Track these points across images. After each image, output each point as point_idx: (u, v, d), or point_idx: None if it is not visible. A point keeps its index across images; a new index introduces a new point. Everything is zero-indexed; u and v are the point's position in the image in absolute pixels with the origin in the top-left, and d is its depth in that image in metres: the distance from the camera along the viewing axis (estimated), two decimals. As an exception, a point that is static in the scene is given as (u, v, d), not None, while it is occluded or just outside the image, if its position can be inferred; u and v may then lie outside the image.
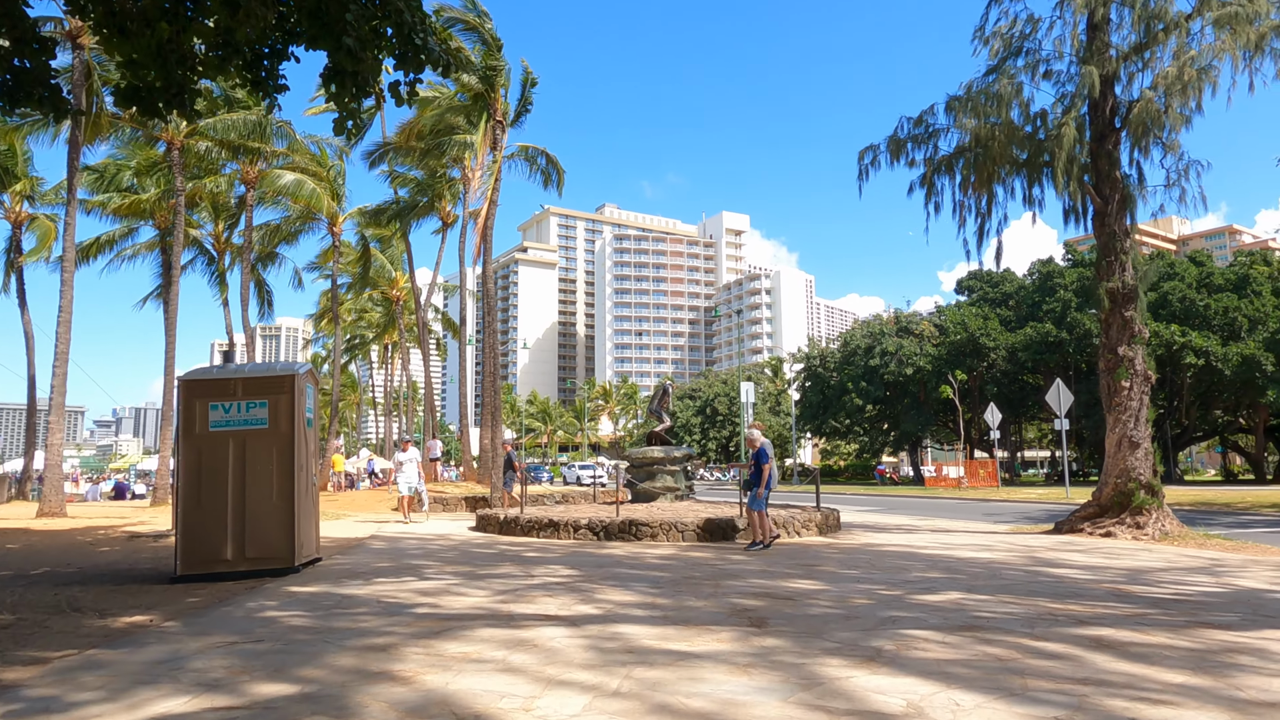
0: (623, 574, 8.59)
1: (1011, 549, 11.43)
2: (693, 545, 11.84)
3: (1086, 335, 47.36)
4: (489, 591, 7.37)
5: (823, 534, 13.53)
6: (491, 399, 25.67)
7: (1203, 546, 11.88)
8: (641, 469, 15.33)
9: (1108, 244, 13.87)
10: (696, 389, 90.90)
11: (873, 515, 20.39)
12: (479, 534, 14.02)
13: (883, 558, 10.18)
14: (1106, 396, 13.74)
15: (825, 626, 5.67)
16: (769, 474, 10.94)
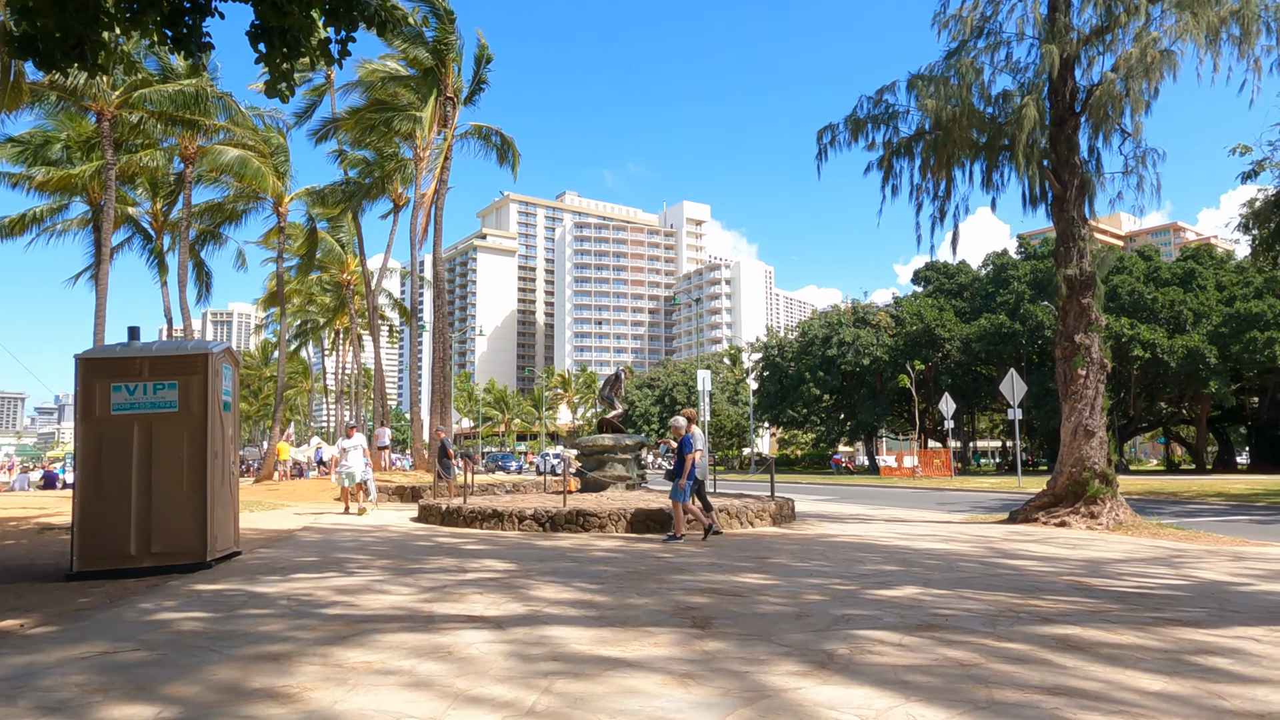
0: (564, 568, 8.07)
1: (968, 539, 11.17)
2: (641, 536, 11.37)
3: (1039, 327, 48.05)
4: (415, 589, 6.79)
5: (777, 524, 13.17)
6: (441, 385, 24.90)
7: (1157, 536, 11.77)
8: (592, 457, 14.79)
9: (1066, 230, 13.68)
10: (655, 378, 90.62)
11: (828, 505, 20.17)
12: (420, 526, 13.38)
13: (837, 549, 9.82)
14: (1063, 385, 13.59)
15: (774, 627, 5.22)
16: (691, 464, 10.45)
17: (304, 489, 23.77)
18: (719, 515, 12.38)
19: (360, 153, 32.73)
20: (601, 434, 15.07)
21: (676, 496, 10.55)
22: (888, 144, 14.45)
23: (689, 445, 10.55)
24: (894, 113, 14.91)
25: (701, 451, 10.83)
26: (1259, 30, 11.80)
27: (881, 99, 14.78)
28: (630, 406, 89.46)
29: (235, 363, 9.36)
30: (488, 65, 27.90)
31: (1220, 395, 44.67)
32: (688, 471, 10.42)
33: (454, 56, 25.90)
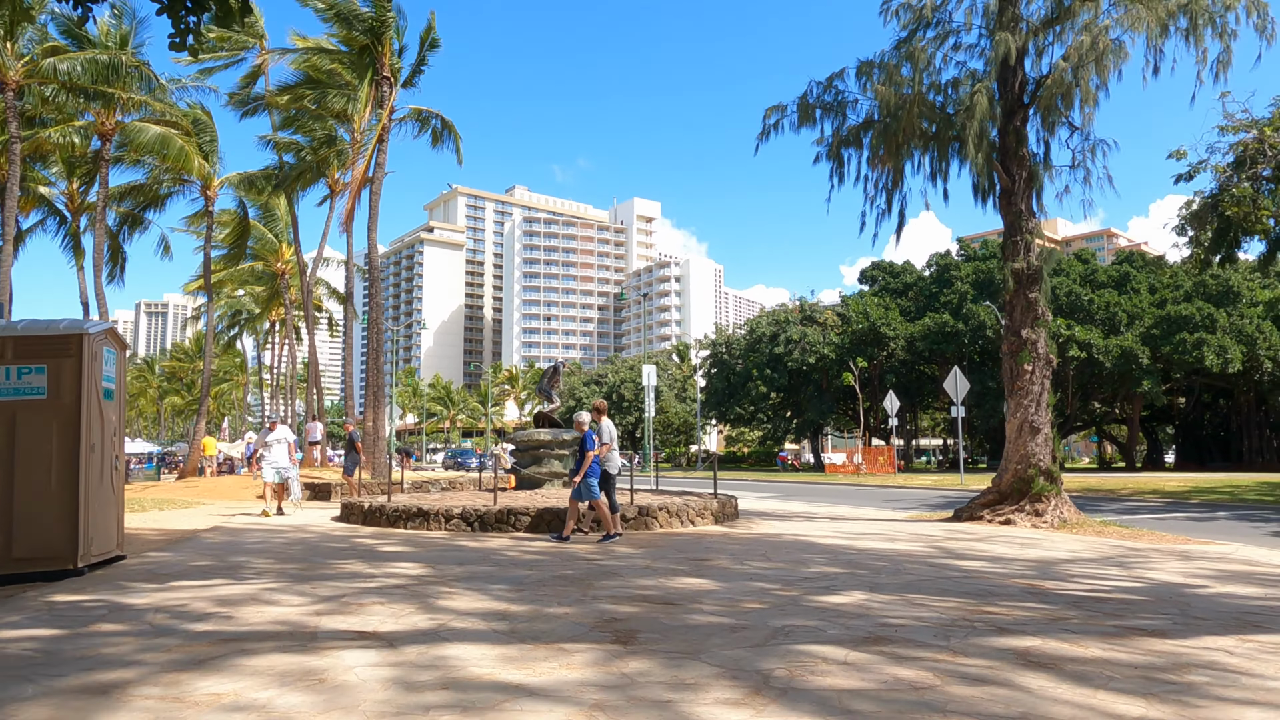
0: (484, 573, 7.38)
1: (914, 538, 10.80)
2: (575, 537, 10.71)
3: (981, 326, 48.78)
4: (309, 599, 6.03)
5: (719, 523, 12.65)
6: (375, 378, 23.86)
7: (1101, 534, 11.59)
8: (527, 453, 14.07)
9: (1014, 223, 13.46)
10: (603, 374, 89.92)
11: (773, 502, 19.81)
12: (341, 526, 12.50)
13: (780, 550, 9.32)
14: (1009, 380, 13.37)
15: (706, 641, 4.63)
16: (594, 460, 9.89)
17: (226, 486, 22.49)
18: (659, 514, 11.82)
19: (294, 136, 31.31)
20: (539, 429, 14.34)
21: (581, 495, 9.95)
22: (836, 132, 14.06)
23: (590, 441, 9.97)
24: (843, 101, 14.54)
25: (611, 446, 10.23)
26: (1205, 22, 11.69)
27: (832, 85, 14.39)
28: (577, 403, 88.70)
29: (121, 346, 8.42)
30: (432, 48, 26.88)
31: (1152, 395, 45.91)
32: (587, 468, 9.82)
33: (392, 35, 24.81)
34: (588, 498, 9.97)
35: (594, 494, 9.94)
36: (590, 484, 9.93)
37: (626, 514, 11.55)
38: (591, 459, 9.88)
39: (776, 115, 14.84)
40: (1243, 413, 54.35)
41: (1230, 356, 42.69)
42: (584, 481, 9.91)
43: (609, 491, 10.55)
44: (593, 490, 9.94)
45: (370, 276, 24.49)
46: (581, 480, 9.93)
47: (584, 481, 9.91)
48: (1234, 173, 17.80)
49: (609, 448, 10.26)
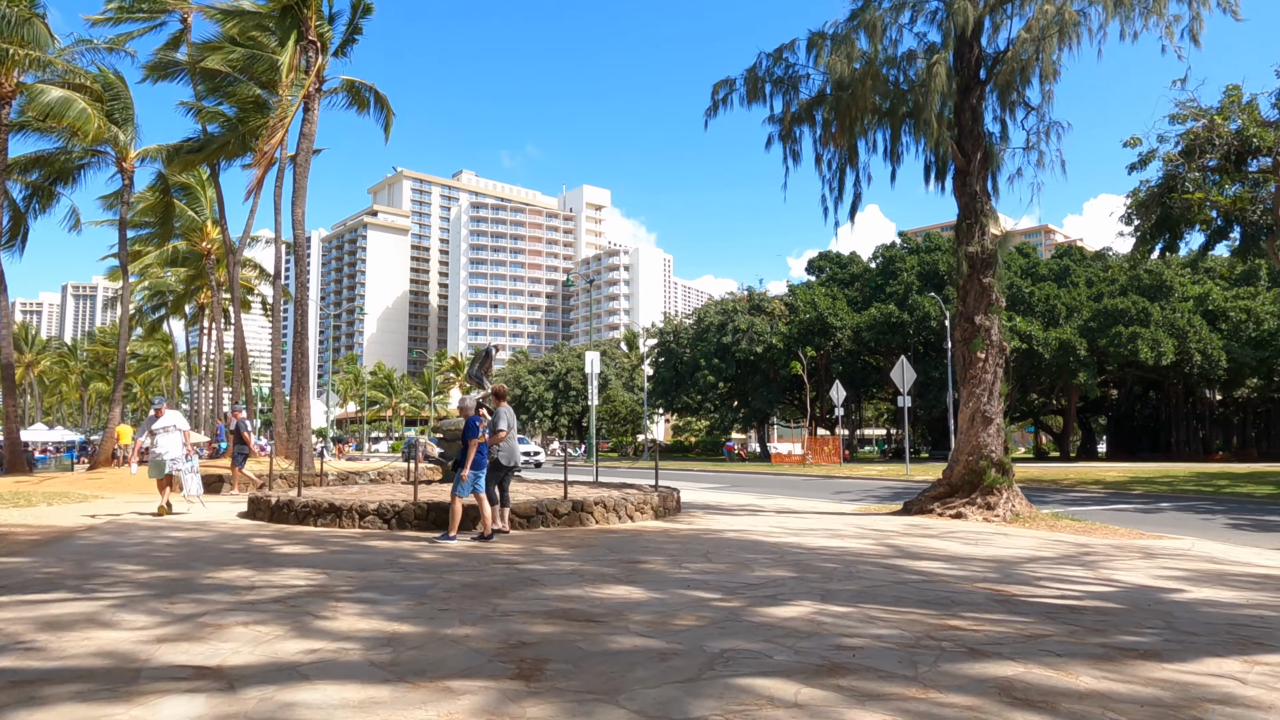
0: (385, 581, 6.44)
1: (864, 534, 10.18)
2: (501, 534, 9.82)
3: (925, 317, 49.08)
4: (160, 620, 5.03)
5: (659, 518, 11.88)
6: (301, 362, 22.49)
7: (1055, 529, 11.15)
8: (455, 443, 13.05)
9: (969, 205, 12.93)
10: (549, 363, 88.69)
11: (718, 494, 19.16)
12: (247, 523, 11.37)
13: (722, 548, 8.57)
14: (961, 369, 12.87)
15: (628, 675, 3.81)
16: (478, 451, 8.97)
17: (136, 478, 20.88)
18: (595, 509, 10.98)
19: (219, 105, 29.42)
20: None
21: (457, 489, 9.00)
22: (787, 108, 13.33)
23: (472, 429, 9.01)
24: (795, 76, 13.82)
25: (506, 433, 9.35)
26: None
27: (782, 57, 13.65)
28: (523, 392, 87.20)
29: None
30: (365, 14, 25.42)
31: (1086, 387, 46.78)
32: (471, 459, 8.90)
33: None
34: (458, 492, 9.00)
35: (464, 490, 8.95)
36: (472, 478, 8.95)
37: (559, 509, 10.69)
38: (475, 448, 8.93)
39: (724, 90, 14.09)
40: (1172, 404, 55.99)
41: (1163, 349, 43.66)
42: (457, 475, 8.94)
43: (502, 486, 9.68)
44: (474, 484, 8.97)
45: (295, 255, 23.03)
46: (456, 476, 8.97)
47: (457, 475, 8.94)
48: (1184, 161, 17.66)
49: (504, 436, 9.36)
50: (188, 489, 12.22)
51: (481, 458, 9.08)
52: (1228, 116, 17.59)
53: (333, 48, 24.94)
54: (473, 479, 8.98)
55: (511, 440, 9.55)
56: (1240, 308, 47.97)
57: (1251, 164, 18.49)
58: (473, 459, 8.93)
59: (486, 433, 9.24)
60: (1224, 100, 18.29)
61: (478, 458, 9.00)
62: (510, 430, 9.49)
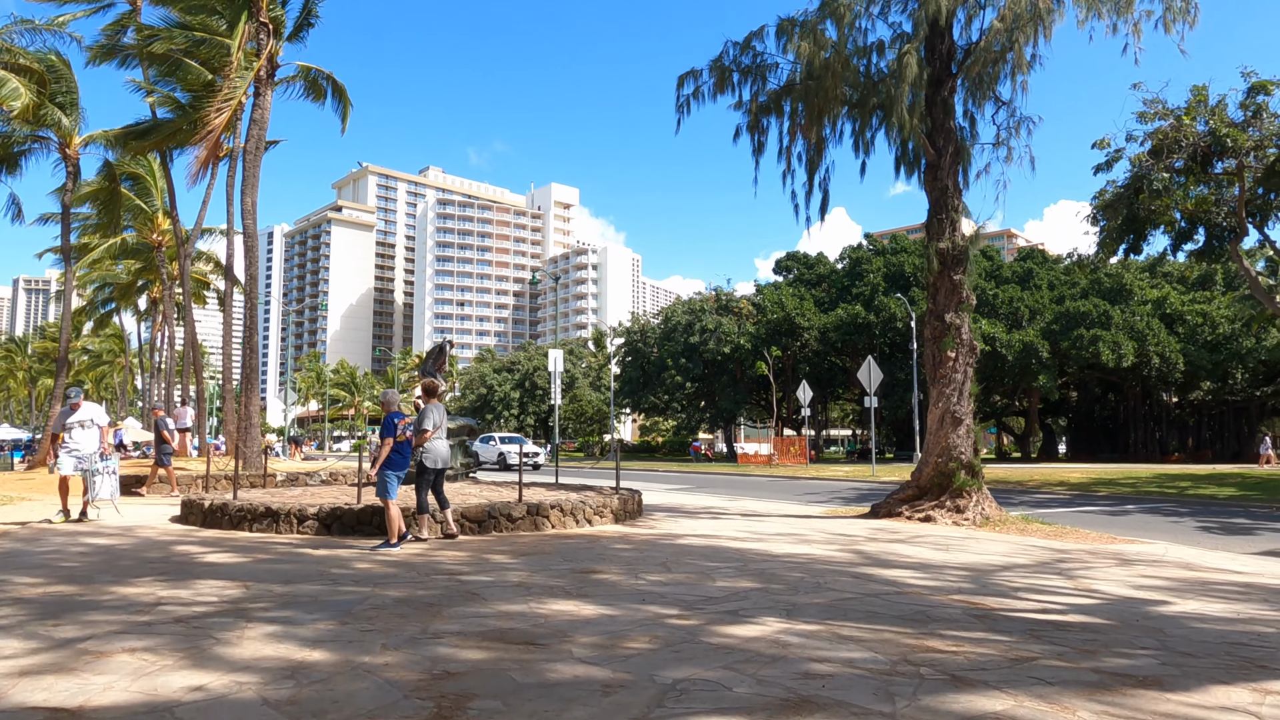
0: (309, 595, 5.83)
1: (830, 539, 9.76)
2: (453, 541, 9.24)
3: (891, 319, 49.23)
4: (36, 645, 4.38)
5: (619, 521, 11.36)
6: (251, 358, 21.57)
7: (1026, 533, 10.85)
8: None
9: (939, 200, 12.61)
10: (515, 361, 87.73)
11: (682, 495, 18.70)
12: (179, 527, 10.63)
13: (683, 556, 8.08)
14: (930, 368, 12.54)
15: (564, 716, 3.28)
16: (391, 449, 8.40)
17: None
18: (552, 513, 10.43)
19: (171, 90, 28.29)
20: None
21: (381, 492, 8.43)
22: (755, 98, 12.89)
23: (390, 427, 8.46)
24: (763, 65, 13.38)
25: (431, 433, 8.78)
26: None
27: (750, 45, 13.21)
28: (488, 390, 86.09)
29: None
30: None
31: (1047, 388, 47.21)
32: (384, 458, 8.34)
33: (272, -22, 22.41)
34: (380, 495, 8.42)
35: (386, 492, 8.36)
36: (386, 479, 8.35)
37: (513, 513, 10.12)
38: (389, 448, 8.36)
39: (691, 83, 13.62)
40: (1130, 406, 56.91)
41: (1124, 352, 44.22)
42: (380, 474, 8.37)
43: (435, 488, 9.12)
44: (387, 488, 8.36)
45: (245, 247, 22.12)
46: (378, 473, 8.39)
47: (380, 474, 8.37)
48: (1152, 161, 17.58)
49: (429, 436, 8.78)
50: (97, 492, 11.24)
51: (401, 458, 8.48)
52: (1194, 117, 17.57)
53: (286, 32, 24.04)
54: (387, 481, 8.36)
55: (438, 441, 8.94)
56: (1197, 311, 48.82)
57: (1217, 166, 18.50)
58: (385, 458, 8.33)
59: (409, 431, 8.63)
60: (1190, 100, 18.29)
61: (394, 457, 8.40)
62: (438, 430, 8.91)
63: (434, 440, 8.86)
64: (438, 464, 8.92)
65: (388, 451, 8.35)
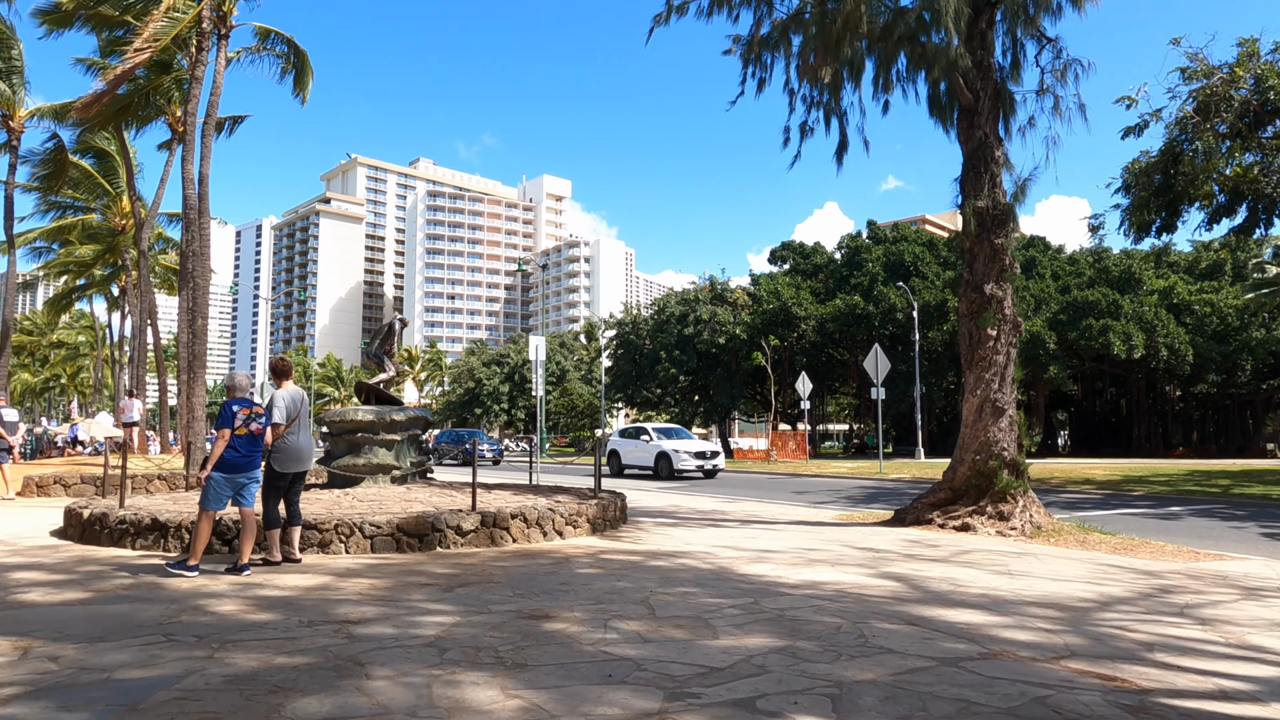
0: (103, 669, 3.86)
1: (857, 557, 7.84)
2: (385, 561, 7.29)
3: (891, 309, 47.41)
4: None
5: (597, 532, 9.42)
6: (195, 344, 19.55)
7: (1088, 546, 8.95)
8: (342, 438, 10.34)
9: (976, 151, 10.67)
10: (505, 354, 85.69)
11: (674, 496, 16.77)
12: (51, 541, 8.65)
13: (672, 586, 6.13)
14: (967, 348, 10.61)
15: None
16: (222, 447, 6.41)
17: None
18: (513, 524, 8.47)
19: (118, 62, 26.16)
20: (360, 406, 10.60)
21: (203, 500, 6.49)
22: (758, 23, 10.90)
23: (228, 416, 6.47)
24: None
25: (284, 427, 6.89)
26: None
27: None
28: (477, 384, 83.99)
29: None
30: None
31: (1058, 380, 45.45)
32: (216, 457, 6.38)
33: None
34: (205, 504, 6.47)
35: (206, 500, 6.45)
36: (210, 485, 6.41)
37: (463, 525, 8.17)
38: (223, 443, 6.40)
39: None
40: (1133, 399, 55.28)
41: (1134, 343, 42.49)
42: (208, 479, 6.43)
43: (289, 499, 7.16)
44: (208, 494, 6.43)
45: (186, 220, 20.09)
46: (204, 473, 6.46)
47: (208, 479, 6.43)
48: (1199, 119, 15.65)
49: (283, 431, 6.87)
50: None
51: (242, 458, 6.50)
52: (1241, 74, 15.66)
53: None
54: (211, 487, 6.40)
55: (296, 438, 6.98)
56: (1204, 301, 47.21)
57: (1266, 129, 16.61)
58: (217, 456, 6.37)
59: (256, 423, 6.64)
60: (1240, 54, 16.36)
61: (228, 456, 6.43)
62: (297, 422, 6.97)
63: (289, 437, 6.92)
64: (288, 467, 6.95)
65: (221, 448, 6.36)
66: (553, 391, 79.23)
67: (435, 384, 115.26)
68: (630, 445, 24.94)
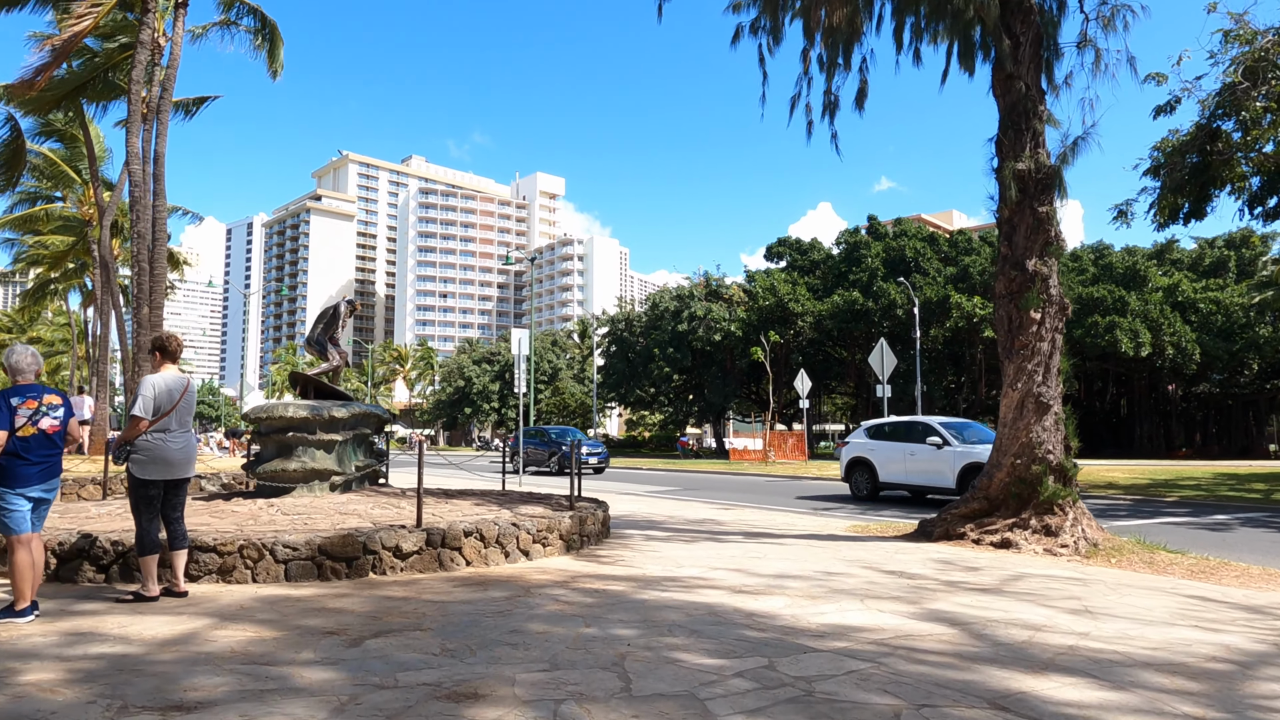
0: None
1: (891, 588, 6.35)
2: (291, 591, 5.77)
3: (891, 305, 46.03)
4: None
5: (571, 551, 7.91)
6: (137, 334, 17.97)
7: (1156, 567, 7.47)
8: (271, 438, 8.75)
9: (1016, 105, 9.19)
10: (496, 352, 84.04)
11: (666, 502, 15.27)
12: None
13: (655, 637, 4.62)
14: (1005, 335, 9.13)
15: None
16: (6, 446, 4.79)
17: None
18: (466, 543, 6.95)
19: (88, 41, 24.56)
20: (297, 401, 8.98)
21: (4, 527, 4.81)
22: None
23: (4, 412, 4.74)
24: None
25: (148, 423, 5.39)
26: None
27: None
28: (467, 383, 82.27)
29: None
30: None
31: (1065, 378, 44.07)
32: None
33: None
34: (3, 532, 4.82)
35: (8, 524, 4.76)
36: (5, 505, 4.75)
37: (403, 545, 6.65)
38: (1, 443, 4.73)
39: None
40: (1135, 399, 54.00)
41: (1142, 340, 41.20)
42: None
43: (166, 515, 5.61)
44: (5, 516, 4.76)
45: (132, 199, 18.51)
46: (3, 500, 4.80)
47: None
48: (1247, 84, 14.18)
49: (144, 427, 5.36)
50: None
51: (27, 466, 4.79)
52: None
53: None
54: (6, 507, 4.77)
55: (166, 437, 5.45)
56: (1210, 299, 46.01)
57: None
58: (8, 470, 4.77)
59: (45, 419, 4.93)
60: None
61: (11, 467, 4.76)
62: (170, 417, 5.47)
63: (154, 436, 5.39)
64: (153, 474, 5.41)
65: None
66: (544, 391, 77.69)
67: (426, 383, 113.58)
68: (896, 453, 15.32)
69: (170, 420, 5.52)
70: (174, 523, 5.67)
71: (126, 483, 5.62)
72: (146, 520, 5.48)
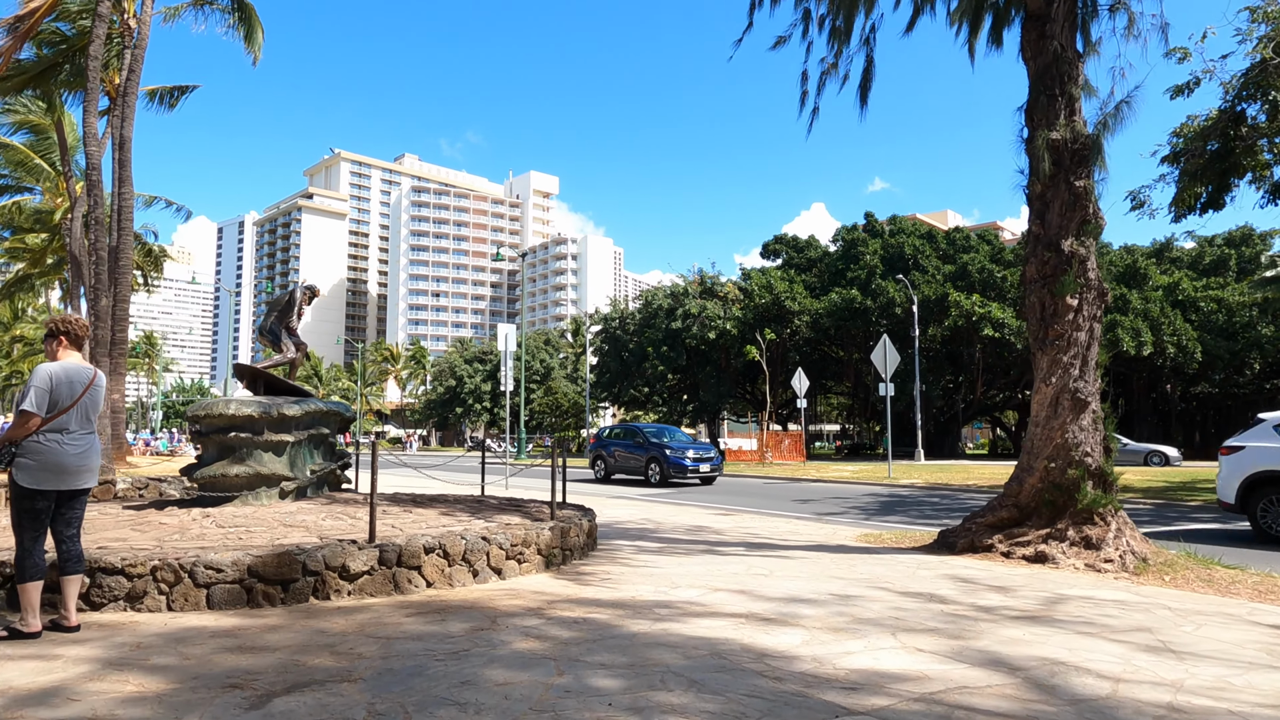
0: None
1: (923, 617, 5.41)
2: (209, 623, 4.80)
3: (890, 303, 45.14)
4: None
5: (550, 567, 6.95)
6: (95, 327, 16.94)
7: (1219, 587, 6.55)
8: (212, 439, 7.76)
9: (1049, 69, 8.26)
10: (488, 351, 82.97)
11: (659, 507, 14.31)
12: None
13: (643, 692, 3.67)
14: (1038, 323, 8.20)
15: None
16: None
17: None
18: (427, 561, 5.98)
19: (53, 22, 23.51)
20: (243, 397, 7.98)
21: None
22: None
23: None
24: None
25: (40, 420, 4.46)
26: None
27: None
28: (458, 383, 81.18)
29: None
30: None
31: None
32: None
33: None
34: None
35: None
36: None
37: (350, 564, 5.67)
38: None
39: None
40: (1134, 400, 53.26)
41: (1143, 339, 40.43)
42: None
43: (58, 533, 4.68)
44: None
45: (89, 183, 17.49)
46: None
47: None
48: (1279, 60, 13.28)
49: (34, 427, 4.44)
50: None
51: None
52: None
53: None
54: None
55: (62, 439, 4.53)
56: (1210, 298, 45.32)
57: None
58: None
59: None
60: (1320, -6, 14.04)
61: None
62: (68, 415, 4.57)
63: (47, 436, 4.48)
64: (44, 483, 4.48)
65: None
66: (537, 390, 76.68)
67: (418, 382, 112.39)
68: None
69: (69, 418, 4.55)
70: (67, 541, 4.70)
71: (8, 493, 4.64)
72: (30, 539, 4.51)
